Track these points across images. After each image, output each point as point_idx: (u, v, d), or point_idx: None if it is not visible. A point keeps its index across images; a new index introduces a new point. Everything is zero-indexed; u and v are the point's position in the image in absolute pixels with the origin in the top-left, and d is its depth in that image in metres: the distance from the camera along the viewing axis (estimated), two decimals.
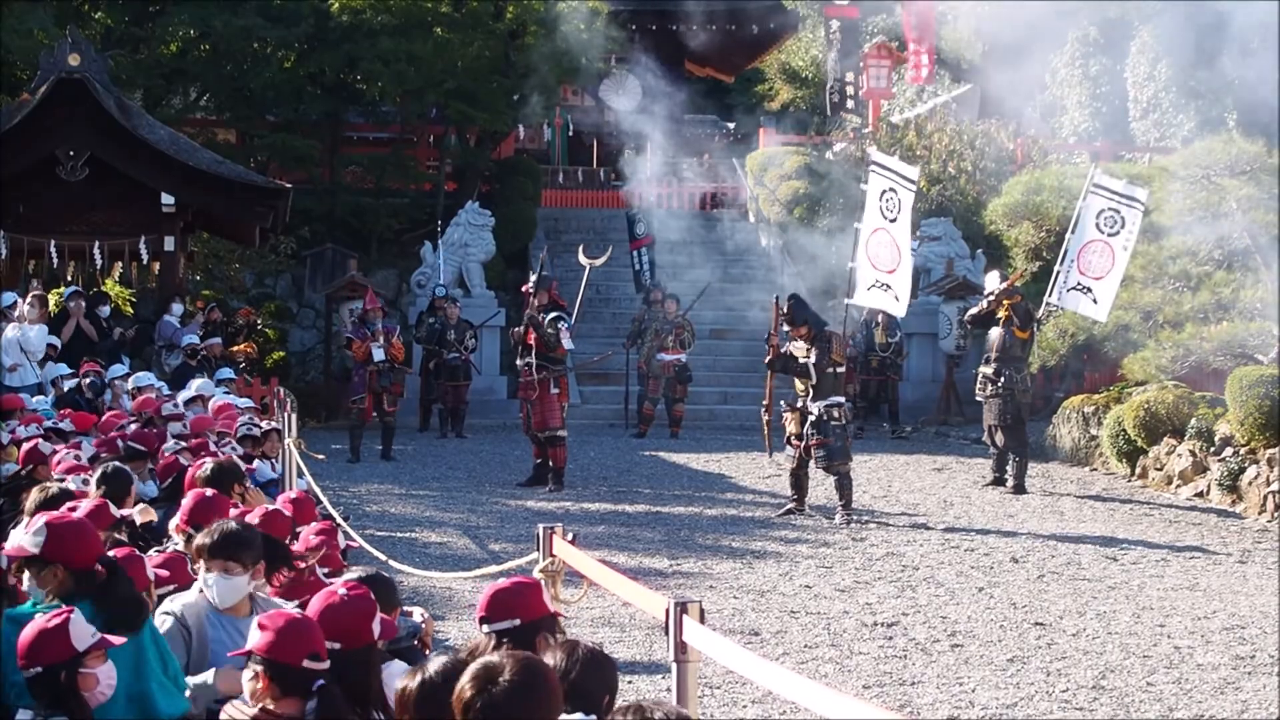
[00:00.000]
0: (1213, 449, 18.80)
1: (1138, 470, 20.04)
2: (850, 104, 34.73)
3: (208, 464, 9.62)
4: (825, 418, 16.63)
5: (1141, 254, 20.61)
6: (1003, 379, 18.65)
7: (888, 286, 18.70)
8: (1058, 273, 19.32)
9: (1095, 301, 19.23)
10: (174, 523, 8.53)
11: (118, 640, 5.48)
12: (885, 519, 16.79)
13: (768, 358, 17.24)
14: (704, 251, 31.36)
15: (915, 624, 11.77)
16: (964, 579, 13.54)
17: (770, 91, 47.45)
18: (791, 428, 16.84)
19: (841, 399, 16.94)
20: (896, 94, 37.82)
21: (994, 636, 11.40)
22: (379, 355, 21.44)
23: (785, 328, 17.14)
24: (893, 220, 18.58)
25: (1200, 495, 18.53)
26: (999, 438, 18.89)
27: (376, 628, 5.62)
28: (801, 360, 16.74)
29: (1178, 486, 19.00)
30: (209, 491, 8.32)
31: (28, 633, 5.33)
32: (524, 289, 19.34)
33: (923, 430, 25.05)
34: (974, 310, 19.81)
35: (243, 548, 6.53)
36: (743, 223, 34.36)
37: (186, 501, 8.29)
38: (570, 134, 43.07)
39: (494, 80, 30.24)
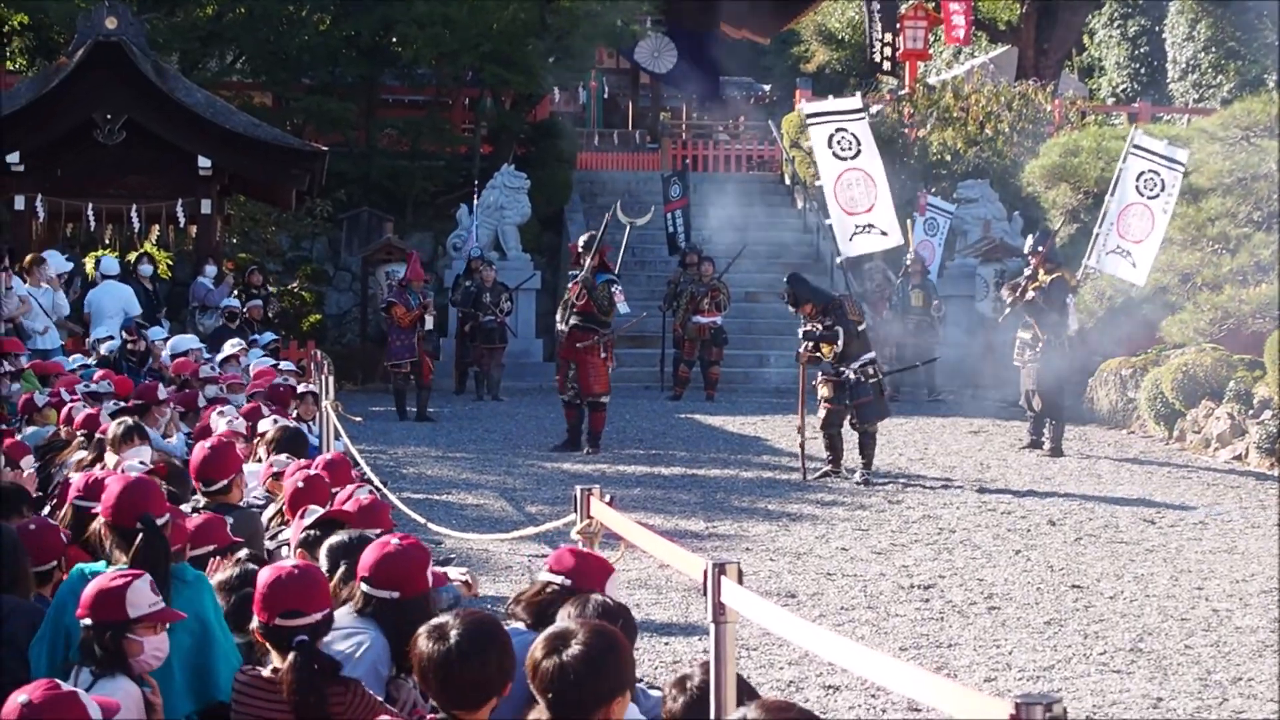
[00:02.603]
0: (1251, 412, 18.72)
1: (1175, 433, 19.97)
2: (887, 66, 34.60)
3: (281, 424, 9.68)
4: (861, 378, 16.59)
5: (1180, 216, 20.49)
6: (1040, 343, 18.59)
7: (870, 227, 18.58)
8: (1096, 235, 19.23)
9: (1134, 265, 19.11)
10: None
11: (179, 615, 5.53)
12: (922, 482, 16.76)
13: (803, 359, 17.22)
14: (740, 214, 31.32)
15: (952, 586, 11.76)
16: (1001, 541, 13.52)
17: (806, 53, 47.37)
18: (824, 391, 16.80)
19: (872, 354, 16.90)
20: (934, 55, 37.69)
21: (1031, 599, 11.38)
22: (429, 324, 21.66)
23: (791, 309, 17.12)
24: (854, 156, 18.44)
25: (1239, 458, 18.46)
26: (1035, 401, 18.84)
27: (430, 576, 5.71)
28: (823, 333, 16.67)
29: (1216, 449, 18.93)
30: (210, 444, 8.34)
31: (91, 586, 5.40)
32: (573, 247, 19.23)
33: (959, 393, 25.00)
34: (1011, 293, 19.47)
35: None
36: (778, 185, 34.28)
37: (194, 456, 8.29)
38: (605, 97, 43.02)
39: (529, 43, 30.17)
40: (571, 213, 30.69)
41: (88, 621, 5.33)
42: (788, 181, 33.80)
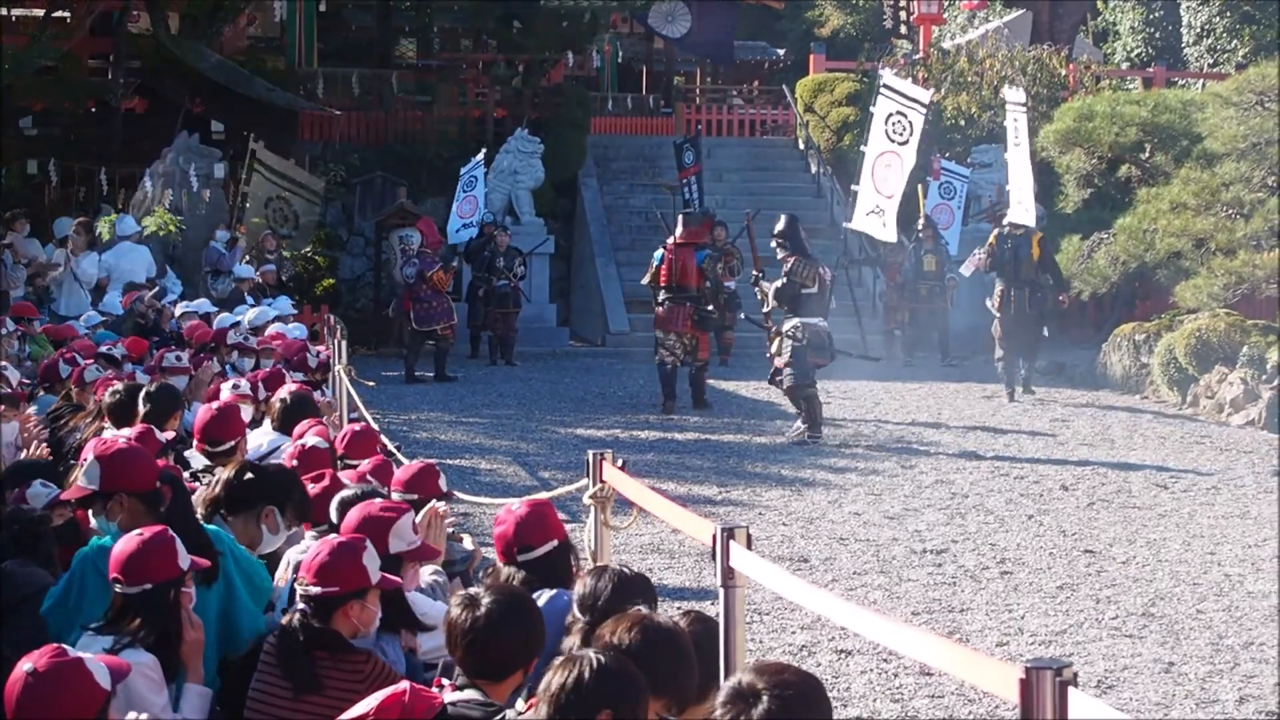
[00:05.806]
0: (1265, 377, 18.70)
1: (1189, 398, 19.95)
2: (902, 30, 34.50)
3: (285, 391, 9.71)
4: (787, 338, 16.71)
5: (1194, 181, 20.44)
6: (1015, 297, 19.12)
7: (882, 211, 18.78)
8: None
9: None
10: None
11: (203, 562, 5.52)
12: (934, 447, 16.77)
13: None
14: (752, 178, 31.26)
15: (964, 551, 11.78)
16: (1013, 506, 13.54)
17: (821, 17, 47.20)
18: (774, 346, 16.99)
19: (817, 320, 16.91)
20: (948, 19, 37.54)
21: (1043, 564, 11.40)
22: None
23: (772, 243, 17.34)
24: (902, 143, 18.63)
25: (1252, 423, 18.44)
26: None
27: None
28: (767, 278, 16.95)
29: (1229, 414, 18.91)
30: (215, 405, 8.35)
31: (129, 549, 5.24)
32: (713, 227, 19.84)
33: (973, 358, 24.95)
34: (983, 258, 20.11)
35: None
36: (791, 150, 34.18)
37: (199, 418, 8.28)
38: (619, 61, 42.88)
39: (543, 7, 30.11)
40: (585, 177, 30.63)
41: (146, 586, 5.19)
42: (801, 146, 33.71)
